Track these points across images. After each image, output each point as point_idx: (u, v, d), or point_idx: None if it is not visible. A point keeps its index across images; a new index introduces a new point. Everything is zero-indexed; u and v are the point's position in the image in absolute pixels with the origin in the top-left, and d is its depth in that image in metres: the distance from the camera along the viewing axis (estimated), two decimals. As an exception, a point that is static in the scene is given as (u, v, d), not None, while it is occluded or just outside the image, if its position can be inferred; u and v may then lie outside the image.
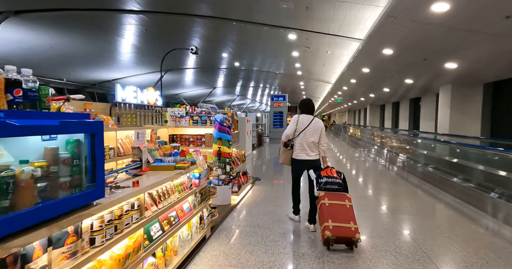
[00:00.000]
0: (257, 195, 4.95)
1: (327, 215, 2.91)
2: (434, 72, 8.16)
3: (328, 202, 3.01)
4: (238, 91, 33.97)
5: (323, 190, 3.14)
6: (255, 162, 9.10)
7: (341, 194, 3.13)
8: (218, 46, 14.06)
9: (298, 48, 12.66)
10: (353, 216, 2.96)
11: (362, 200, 4.79)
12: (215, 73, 21.89)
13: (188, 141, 4.70)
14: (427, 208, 4.53)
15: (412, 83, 10.26)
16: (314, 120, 3.43)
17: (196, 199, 2.74)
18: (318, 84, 22.12)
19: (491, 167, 4.71)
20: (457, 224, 3.73)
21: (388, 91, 13.50)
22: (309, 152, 3.37)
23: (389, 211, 4.22)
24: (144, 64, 17.93)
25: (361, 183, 6.50)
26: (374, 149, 11.70)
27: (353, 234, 2.79)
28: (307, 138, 3.37)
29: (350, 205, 3.05)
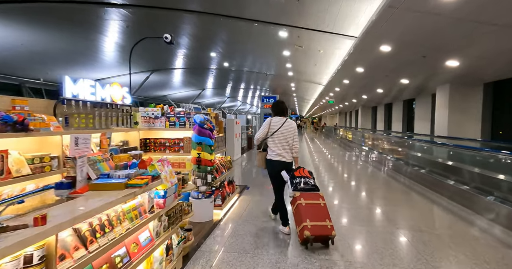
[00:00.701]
0: (245, 207, 4.32)
1: (304, 215, 2.95)
2: (432, 71, 7.75)
3: (304, 202, 3.07)
4: (228, 93, 33.40)
5: (298, 191, 3.19)
6: (244, 167, 8.46)
7: (315, 194, 3.21)
8: (207, 45, 13.47)
9: (289, 47, 12.15)
10: (328, 214, 3.06)
11: (357, 211, 4.24)
12: (204, 74, 21.28)
13: (163, 146, 4.03)
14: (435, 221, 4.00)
15: (408, 83, 9.86)
16: (286, 122, 3.43)
17: (161, 224, 2.09)
18: (309, 86, 21.72)
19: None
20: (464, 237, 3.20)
21: (382, 92, 13.13)
22: (283, 153, 3.39)
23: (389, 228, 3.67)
24: (128, 63, 17.07)
25: (355, 191, 5.96)
26: (369, 153, 11.25)
27: (329, 231, 2.89)
28: (280, 140, 3.39)
29: (324, 203, 3.15)
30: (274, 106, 3.60)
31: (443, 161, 5.99)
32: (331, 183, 6.58)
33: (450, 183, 5.05)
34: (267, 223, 3.71)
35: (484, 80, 7.88)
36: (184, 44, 13.36)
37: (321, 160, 10.17)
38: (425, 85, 9.99)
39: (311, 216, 2.95)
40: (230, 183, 4.66)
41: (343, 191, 5.74)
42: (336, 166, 9.44)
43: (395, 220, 3.92)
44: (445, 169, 5.71)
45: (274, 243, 3.10)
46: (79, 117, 2.72)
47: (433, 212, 4.42)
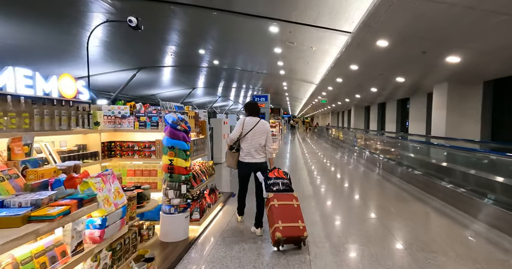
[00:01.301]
0: (228, 221, 3.76)
1: (276, 216, 2.94)
2: (430, 68, 7.33)
3: (277, 203, 3.05)
4: (220, 92, 32.78)
5: (272, 192, 3.16)
6: (232, 171, 7.89)
7: (289, 194, 3.18)
8: (196, 42, 12.87)
9: (281, 44, 11.64)
10: (301, 215, 3.04)
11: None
12: (195, 73, 20.65)
13: (131, 150, 3.43)
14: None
15: (403, 81, 9.46)
16: (260, 122, 3.41)
17: (99, 264, 1.51)
18: (301, 85, 21.29)
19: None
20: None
21: (376, 91, 12.76)
22: (255, 154, 3.36)
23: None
24: (114, 61, 16.38)
25: (347, 196, 5.48)
26: (362, 154, 10.83)
27: (301, 232, 2.88)
28: (253, 141, 3.36)
29: (298, 204, 3.12)
30: (247, 106, 3.61)
31: (440, 163, 5.59)
32: (322, 186, 6.10)
33: (447, 185, 4.65)
34: (256, 239, 3.17)
35: (484, 77, 7.51)
36: (172, 41, 12.74)
37: (313, 162, 9.69)
38: (421, 84, 9.61)
39: (283, 217, 2.93)
40: (212, 192, 4.09)
41: (335, 198, 5.25)
42: (328, 168, 8.97)
43: (392, 230, 3.43)
44: (443, 171, 5.32)
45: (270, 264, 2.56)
46: (7, 115, 2.11)
47: (431, 219, 3.96)
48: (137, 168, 3.38)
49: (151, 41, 12.79)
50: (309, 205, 4.58)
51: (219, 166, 8.38)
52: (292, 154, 12.12)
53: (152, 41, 12.73)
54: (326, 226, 3.65)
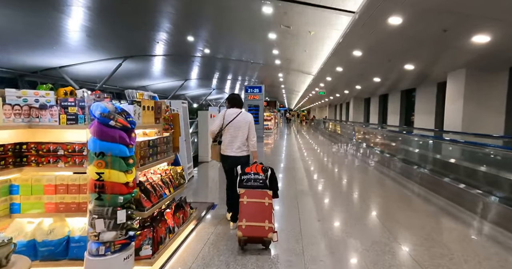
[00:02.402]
0: (198, 250, 2.74)
1: (242, 214, 2.80)
2: (449, 51, 6.28)
3: (246, 200, 2.89)
4: (214, 85, 31.63)
5: (243, 188, 2.97)
6: (219, 171, 6.87)
7: (262, 192, 2.96)
8: (186, 28, 11.70)
9: (276, 29, 10.49)
10: (270, 215, 2.83)
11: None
12: (187, 63, 19.48)
13: (54, 156, 2.36)
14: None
15: (413, 69, 8.41)
16: (241, 113, 3.30)
17: None
18: (298, 76, 20.21)
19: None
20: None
21: (379, 82, 11.72)
22: (235, 147, 3.24)
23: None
24: (98, 48, 15.12)
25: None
26: (366, 152, 9.86)
27: (265, 233, 2.69)
28: (233, 133, 3.25)
29: (270, 203, 2.91)
30: (228, 98, 3.48)
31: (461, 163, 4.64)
32: (320, 184, 5.16)
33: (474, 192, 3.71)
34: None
35: (511, 62, 6.47)
36: (160, 27, 11.58)
37: (310, 158, 8.70)
38: (433, 72, 8.57)
39: (248, 216, 2.78)
40: (179, 209, 3.05)
41: (333, 198, 4.28)
42: (325, 165, 8.01)
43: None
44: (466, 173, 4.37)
45: None
46: None
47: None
48: (60, 183, 2.32)
49: (137, 28, 11.66)
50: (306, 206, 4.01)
51: (205, 165, 7.36)
52: (287, 149, 11.14)
53: (138, 27, 11.59)
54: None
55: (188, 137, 5.89)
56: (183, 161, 5.51)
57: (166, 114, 4.04)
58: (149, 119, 2.84)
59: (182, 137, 5.52)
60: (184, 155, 5.55)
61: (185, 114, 5.81)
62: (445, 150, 5.31)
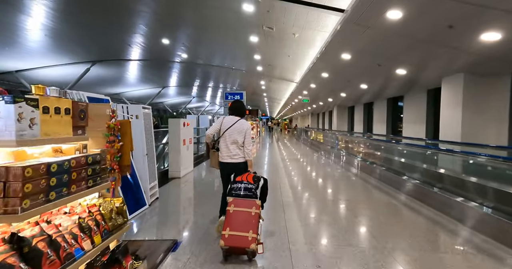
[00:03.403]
0: None
1: (227, 223, 2.73)
2: (451, 52, 5.66)
3: (233, 209, 2.82)
4: (194, 92, 30.53)
5: (232, 196, 2.92)
6: (189, 193, 5.78)
7: (250, 201, 2.86)
8: (164, 32, 10.77)
9: (258, 31, 9.71)
10: (255, 225, 2.71)
11: None
12: (164, 69, 18.36)
13: None
14: None
15: (404, 74, 7.85)
16: (239, 121, 3.30)
17: None
18: (280, 84, 19.61)
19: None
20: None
21: (365, 89, 11.19)
22: (231, 154, 3.25)
23: None
24: (62, 51, 13.73)
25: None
26: (343, 157, 9.14)
27: (248, 244, 2.59)
28: (230, 139, 3.25)
29: (256, 212, 2.79)
30: (230, 105, 3.46)
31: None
32: (305, 196, 4.25)
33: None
34: None
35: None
36: (133, 29, 10.53)
37: (294, 168, 7.82)
38: (425, 77, 8.05)
39: (233, 225, 2.69)
40: (113, 265, 1.98)
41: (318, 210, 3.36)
42: (310, 175, 7.15)
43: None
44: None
45: None
46: None
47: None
48: None
49: (106, 29, 10.53)
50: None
51: (176, 183, 6.24)
52: (270, 158, 10.22)
53: (108, 29, 10.47)
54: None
55: (152, 150, 4.80)
56: (143, 181, 4.41)
57: (111, 122, 2.99)
58: (59, 128, 1.78)
59: (142, 151, 4.42)
60: (145, 173, 4.45)
61: (148, 122, 4.74)
62: (453, 164, 4.58)
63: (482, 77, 6.38)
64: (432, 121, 9.04)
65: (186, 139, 7.22)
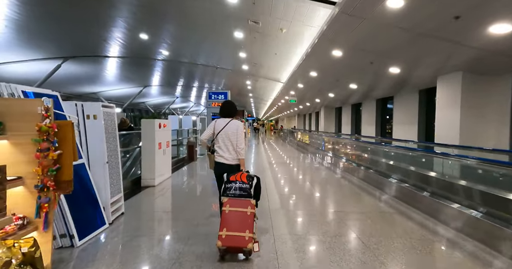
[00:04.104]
0: None
1: (223, 224, 2.74)
2: (451, 47, 5.22)
3: (228, 209, 2.82)
4: (178, 92, 29.52)
5: (226, 196, 2.91)
6: (165, 204, 5.03)
7: (245, 201, 2.86)
8: (143, 26, 9.98)
9: (243, 25, 9.09)
10: (251, 224, 2.74)
11: None
12: (145, 67, 17.39)
13: None
14: None
15: (397, 72, 7.43)
16: (230, 122, 3.33)
17: None
18: (267, 83, 19.06)
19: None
20: None
21: (355, 88, 10.77)
22: (226, 155, 3.28)
23: None
24: (29, 46, 12.61)
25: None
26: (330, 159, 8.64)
27: (245, 243, 2.62)
28: (223, 141, 3.29)
29: (252, 212, 2.81)
30: (221, 108, 3.46)
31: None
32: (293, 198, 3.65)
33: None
34: None
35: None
36: (109, 23, 9.71)
37: (281, 170, 7.21)
38: (418, 76, 7.67)
39: (229, 225, 2.70)
40: None
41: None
42: (297, 176, 6.57)
43: None
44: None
45: None
46: None
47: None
48: None
49: (79, 22, 9.61)
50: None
51: (150, 192, 5.46)
52: (257, 160, 9.58)
53: (80, 21, 9.55)
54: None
55: (116, 156, 4.02)
56: (103, 195, 3.64)
57: (44, 123, 2.27)
58: None
59: (102, 159, 3.66)
60: (105, 186, 3.68)
61: (111, 123, 3.96)
62: (459, 171, 4.10)
63: (482, 75, 6.03)
64: (424, 122, 8.71)
65: (162, 142, 6.45)
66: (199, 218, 3.92)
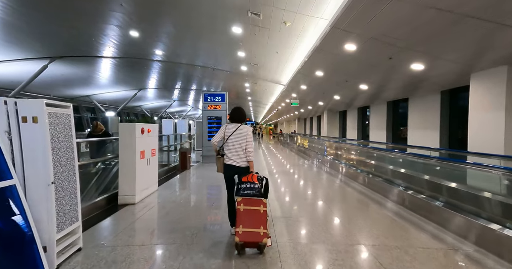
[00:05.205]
0: None
1: (239, 221, 2.97)
2: (492, 35, 4.25)
3: (243, 207, 3.06)
4: (176, 96, 28.66)
5: (240, 196, 3.15)
6: (140, 232, 3.94)
7: (257, 200, 3.12)
8: (135, 23, 9.10)
9: (242, 18, 8.14)
10: (264, 221, 2.99)
11: None
12: (140, 69, 16.49)
13: None
14: None
15: (420, 70, 6.43)
16: (240, 127, 3.52)
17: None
18: (266, 86, 18.14)
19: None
20: None
21: (365, 89, 9.78)
22: (236, 158, 3.45)
23: None
24: (9, 44, 11.67)
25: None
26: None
27: (260, 238, 2.86)
28: (233, 145, 3.47)
29: (264, 210, 3.06)
30: (232, 113, 3.65)
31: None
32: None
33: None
34: None
35: None
36: (100, 20, 8.86)
37: (284, 177, 6.16)
38: (443, 74, 6.67)
39: (245, 222, 2.95)
40: None
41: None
42: (301, 186, 5.53)
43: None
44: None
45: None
46: None
47: None
48: None
49: (68, 19, 8.74)
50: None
51: (128, 212, 4.40)
52: (258, 166, 8.54)
53: (67, 19, 8.67)
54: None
55: (70, 174, 2.96)
56: (45, 229, 2.57)
57: None
58: None
59: (44, 178, 2.60)
60: (49, 216, 2.62)
61: (65, 128, 2.91)
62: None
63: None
64: (447, 127, 7.71)
65: (146, 150, 5.40)
66: (192, 253, 2.91)
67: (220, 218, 4.15)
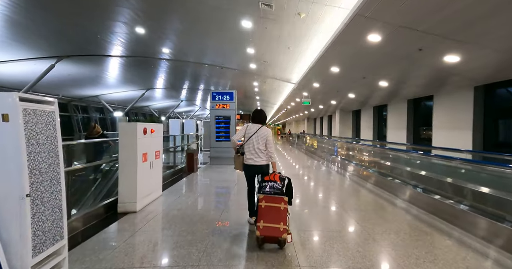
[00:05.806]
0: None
1: (260, 216, 3.10)
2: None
3: (264, 204, 3.17)
4: (184, 96, 28.41)
5: (262, 194, 3.28)
6: (139, 249, 3.41)
7: (278, 198, 3.23)
8: (143, 21, 8.66)
9: (253, 12, 7.59)
10: (285, 217, 3.10)
11: None
12: (147, 68, 16.17)
13: None
14: None
15: (456, 62, 5.73)
16: (261, 129, 3.70)
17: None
18: (276, 85, 17.55)
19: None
20: None
21: (384, 87, 9.06)
22: (256, 157, 3.62)
23: None
24: (15, 44, 11.45)
25: None
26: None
27: (280, 233, 2.98)
28: (254, 145, 3.64)
29: (285, 207, 3.17)
30: (255, 114, 3.89)
31: None
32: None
33: None
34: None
35: None
36: (107, 19, 8.51)
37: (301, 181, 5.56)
38: (481, 68, 5.95)
39: (266, 218, 3.07)
40: None
41: None
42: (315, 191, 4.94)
43: None
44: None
45: None
46: None
47: None
48: None
49: (74, 17, 8.43)
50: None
51: (127, 222, 3.89)
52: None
53: (75, 17, 8.36)
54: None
55: (54, 184, 2.45)
56: (17, 251, 2.06)
57: None
58: None
59: (17, 190, 2.09)
60: (21, 237, 2.10)
61: (47, 129, 2.40)
62: None
63: None
64: (481, 128, 6.97)
65: (149, 152, 4.90)
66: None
67: (231, 228, 3.63)
